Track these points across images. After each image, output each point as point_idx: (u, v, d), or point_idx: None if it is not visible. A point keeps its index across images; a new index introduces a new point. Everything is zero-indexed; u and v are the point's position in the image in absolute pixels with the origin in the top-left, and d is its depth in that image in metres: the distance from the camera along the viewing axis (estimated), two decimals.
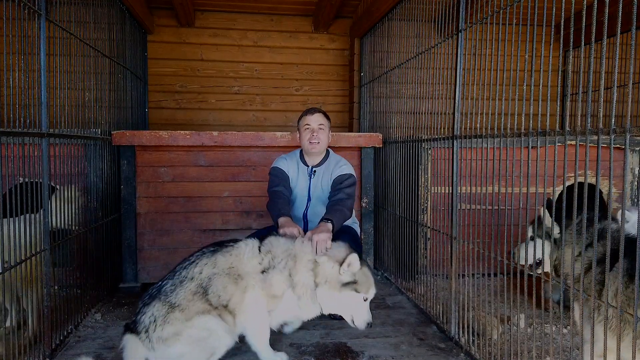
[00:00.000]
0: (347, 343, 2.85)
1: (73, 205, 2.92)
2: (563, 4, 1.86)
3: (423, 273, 3.83)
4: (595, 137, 1.68)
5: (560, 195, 3.89)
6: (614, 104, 1.61)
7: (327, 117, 3.19)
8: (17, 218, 2.28)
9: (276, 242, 2.55)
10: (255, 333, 2.51)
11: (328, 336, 2.94)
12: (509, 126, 2.29)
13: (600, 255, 1.86)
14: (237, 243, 2.56)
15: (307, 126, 3.12)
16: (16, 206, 2.24)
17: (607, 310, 1.71)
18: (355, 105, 5.22)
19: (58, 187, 2.84)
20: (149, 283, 3.91)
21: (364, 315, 2.47)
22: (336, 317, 2.95)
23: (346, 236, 2.96)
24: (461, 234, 2.88)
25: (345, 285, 2.43)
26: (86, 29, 3.17)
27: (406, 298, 3.71)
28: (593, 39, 1.74)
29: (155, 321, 2.30)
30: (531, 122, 2.08)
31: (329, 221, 2.75)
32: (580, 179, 3.47)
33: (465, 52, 2.78)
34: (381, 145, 4.20)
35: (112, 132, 3.72)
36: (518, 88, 2.27)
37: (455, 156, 2.87)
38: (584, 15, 1.79)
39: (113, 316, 3.29)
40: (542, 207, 2.29)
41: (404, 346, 2.84)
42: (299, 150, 3.32)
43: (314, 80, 5.62)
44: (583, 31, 1.87)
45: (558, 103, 5.66)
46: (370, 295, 2.50)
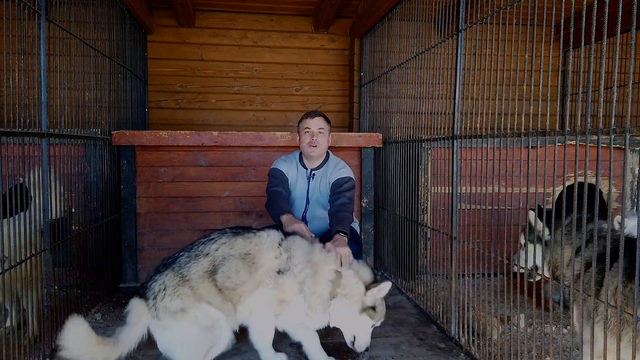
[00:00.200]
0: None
1: (57, 197, 2.86)
2: (563, 4, 1.86)
3: (423, 273, 3.83)
4: (595, 137, 1.68)
5: (560, 195, 3.89)
6: (614, 104, 1.61)
7: (328, 121, 3.19)
8: (8, 218, 2.28)
9: (298, 243, 2.51)
10: (259, 333, 2.50)
11: (328, 336, 2.94)
12: (509, 126, 2.29)
13: (595, 255, 1.86)
14: (259, 231, 2.54)
15: (307, 129, 3.11)
16: (8, 206, 2.24)
17: (607, 310, 1.71)
18: (355, 105, 5.22)
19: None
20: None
21: (367, 339, 2.51)
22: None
23: None
24: (461, 234, 2.88)
25: (364, 309, 2.46)
26: (86, 29, 3.17)
27: (406, 298, 3.71)
28: (593, 39, 1.74)
29: (165, 290, 2.29)
30: (531, 122, 2.08)
31: (345, 235, 2.74)
32: (580, 179, 3.47)
33: (465, 52, 2.78)
34: (381, 145, 4.20)
35: (112, 132, 3.72)
36: (518, 88, 2.27)
37: (455, 156, 2.87)
38: (584, 15, 1.79)
39: (113, 316, 3.29)
40: (530, 211, 2.29)
41: (404, 346, 2.84)
42: (298, 152, 3.32)
43: (314, 80, 5.62)
44: (583, 31, 1.87)
45: (558, 103, 5.66)
46: (378, 324, 2.54)
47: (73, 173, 3.01)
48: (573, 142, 2.30)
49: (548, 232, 2.18)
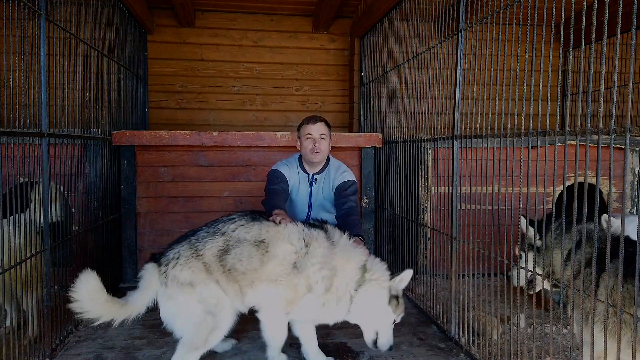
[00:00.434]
0: (347, 343, 2.85)
1: (56, 200, 2.85)
2: (563, 4, 1.86)
3: (423, 273, 3.83)
4: (595, 137, 1.68)
5: (560, 195, 3.89)
6: (614, 104, 1.61)
7: (328, 125, 3.19)
8: (7, 219, 2.28)
9: (320, 241, 2.43)
10: (272, 333, 2.48)
11: (328, 336, 2.94)
12: (509, 126, 2.29)
13: (588, 255, 1.87)
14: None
15: (309, 135, 3.10)
16: (7, 207, 2.24)
17: (607, 310, 1.71)
18: (355, 105, 5.22)
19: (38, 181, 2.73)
20: None
21: (389, 336, 2.45)
22: None
23: None
24: (461, 234, 2.88)
25: (391, 298, 2.41)
26: (86, 29, 3.17)
27: (406, 298, 3.71)
28: (593, 39, 1.74)
29: (178, 259, 2.31)
30: (531, 122, 2.08)
31: (362, 238, 2.73)
32: (580, 179, 3.47)
33: (465, 52, 2.78)
34: (381, 145, 4.20)
35: (112, 132, 3.72)
36: (518, 88, 2.27)
37: (455, 156, 2.87)
38: (584, 15, 1.79)
39: None
40: (522, 217, 2.30)
41: (404, 346, 2.84)
42: (297, 156, 3.30)
43: (314, 80, 5.62)
44: (583, 31, 1.87)
45: (558, 103, 5.66)
46: (398, 319, 2.48)
47: (73, 173, 3.01)
48: (573, 142, 2.30)
49: (539, 237, 2.19)
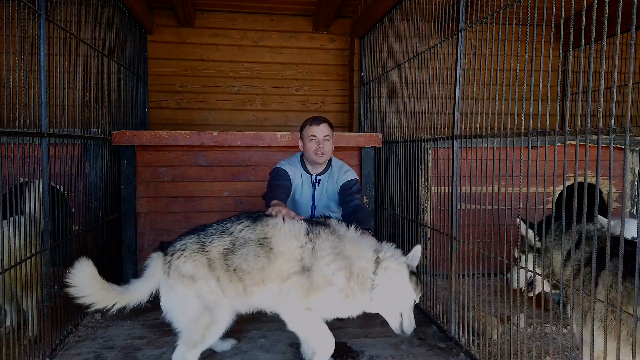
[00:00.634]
0: (347, 343, 2.85)
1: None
2: (563, 4, 1.86)
3: (423, 273, 3.83)
4: (595, 137, 1.68)
5: (560, 195, 3.90)
6: (614, 104, 1.61)
7: (331, 126, 3.20)
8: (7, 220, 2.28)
9: (324, 235, 2.41)
10: (304, 330, 2.41)
11: None
12: (509, 126, 2.29)
13: (588, 255, 1.87)
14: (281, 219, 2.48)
15: (313, 137, 3.11)
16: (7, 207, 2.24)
17: (607, 309, 1.71)
18: (355, 105, 5.22)
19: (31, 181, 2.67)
20: None
21: (412, 318, 2.43)
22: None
23: None
24: (461, 234, 2.88)
25: (410, 275, 2.40)
26: (86, 29, 3.17)
27: None
28: (593, 39, 1.74)
29: (183, 250, 2.33)
30: (531, 122, 2.08)
31: (371, 233, 2.76)
32: (580, 179, 3.47)
33: (465, 52, 2.78)
34: (381, 145, 4.20)
35: (112, 132, 3.72)
36: (518, 88, 2.27)
37: (455, 156, 2.87)
38: (584, 15, 1.79)
39: (113, 316, 3.28)
40: (518, 219, 2.31)
41: (404, 346, 2.84)
42: (299, 155, 3.30)
43: (314, 80, 5.62)
44: (583, 31, 1.87)
45: (558, 103, 5.66)
46: (418, 299, 2.46)
47: (73, 173, 3.01)
48: (573, 142, 2.30)
49: (538, 239, 2.20)
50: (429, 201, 3.94)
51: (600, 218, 2.07)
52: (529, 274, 2.26)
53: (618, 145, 3.61)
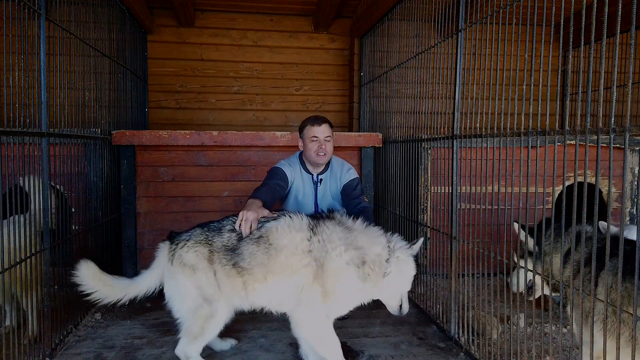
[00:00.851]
0: (347, 343, 2.85)
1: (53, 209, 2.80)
2: (563, 4, 1.86)
3: (423, 273, 3.83)
4: (595, 137, 1.68)
5: (560, 195, 3.90)
6: (614, 104, 1.61)
7: (332, 126, 3.20)
8: (7, 220, 2.28)
9: (331, 228, 2.42)
10: (323, 345, 2.37)
11: None
12: (509, 126, 2.29)
13: (587, 255, 1.88)
14: (282, 217, 2.49)
15: (315, 138, 3.09)
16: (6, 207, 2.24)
17: (607, 309, 1.71)
18: (355, 105, 5.22)
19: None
20: None
21: (407, 300, 2.57)
22: (344, 318, 2.94)
23: None
24: (461, 234, 2.88)
25: (415, 258, 2.50)
26: (86, 29, 3.17)
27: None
28: (593, 39, 1.74)
29: (188, 240, 2.41)
30: (531, 122, 2.08)
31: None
32: (580, 179, 3.47)
33: (465, 52, 2.78)
34: (381, 144, 4.20)
35: (112, 132, 3.72)
36: (518, 88, 2.27)
37: (455, 156, 2.87)
38: (584, 15, 1.79)
39: (113, 315, 3.29)
40: (515, 223, 2.32)
41: (404, 345, 2.85)
42: (298, 155, 3.29)
43: (314, 80, 5.62)
44: (583, 31, 1.87)
45: (558, 103, 5.66)
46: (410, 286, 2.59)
47: (73, 173, 3.01)
48: (573, 142, 2.30)
49: (533, 243, 2.21)
50: (429, 201, 3.94)
51: (602, 223, 2.08)
52: (529, 279, 2.27)
53: (618, 145, 3.61)
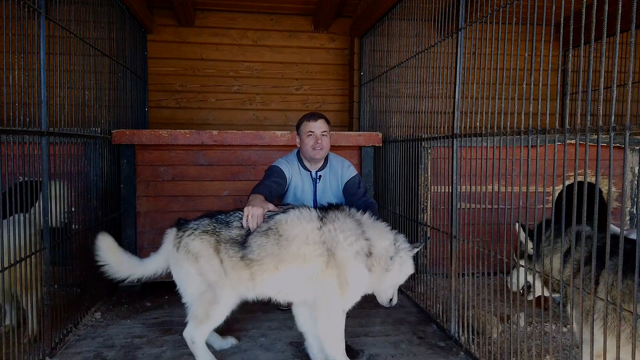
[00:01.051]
0: (347, 342, 2.84)
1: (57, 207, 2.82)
2: (563, 3, 1.86)
3: (423, 272, 3.83)
4: (595, 136, 1.68)
5: (559, 194, 3.90)
6: (614, 103, 1.61)
7: (328, 122, 3.19)
8: (7, 218, 2.28)
9: (342, 218, 2.49)
10: (330, 335, 2.43)
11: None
12: (509, 125, 2.29)
13: (587, 254, 1.89)
14: (291, 210, 2.56)
15: (311, 133, 3.10)
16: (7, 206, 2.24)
17: (607, 307, 1.71)
18: (355, 104, 5.22)
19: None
20: (149, 282, 3.90)
21: (397, 294, 2.71)
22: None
23: None
24: (461, 233, 2.88)
25: (413, 259, 2.62)
26: (86, 28, 3.17)
27: (406, 297, 3.71)
28: (593, 38, 1.74)
29: (195, 229, 2.47)
30: (531, 121, 2.08)
31: None
32: (580, 178, 3.47)
33: (465, 51, 2.78)
34: (381, 144, 4.20)
35: (112, 131, 3.72)
36: (518, 87, 2.27)
37: (455, 155, 2.87)
38: (584, 14, 1.79)
39: (113, 315, 3.30)
40: (516, 224, 2.33)
41: (404, 345, 2.85)
42: (296, 152, 3.29)
43: (314, 79, 5.61)
44: (583, 30, 1.87)
45: (558, 102, 5.66)
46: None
47: (73, 172, 3.01)
48: (573, 141, 2.30)
49: (532, 245, 2.21)
50: (429, 200, 3.94)
51: (613, 228, 2.09)
52: (525, 280, 2.29)
53: (618, 144, 3.61)
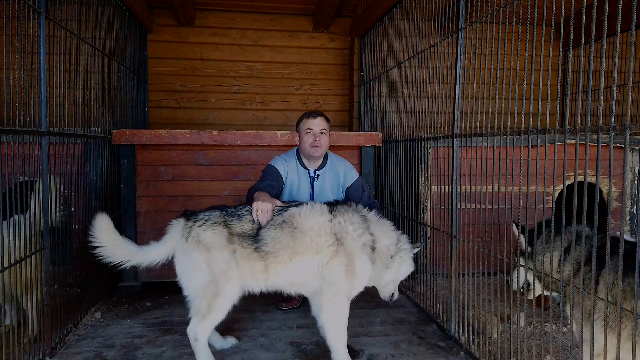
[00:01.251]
0: (348, 342, 2.85)
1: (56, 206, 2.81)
2: (563, 3, 1.86)
3: (423, 272, 3.83)
4: (595, 136, 1.68)
5: (560, 194, 3.90)
6: (614, 103, 1.61)
7: (328, 120, 3.18)
8: (7, 220, 2.28)
9: (350, 213, 2.61)
10: (336, 318, 2.52)
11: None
12: (509, 125, 2.29)
13: (586, 254, 1.89)
14: (301, 205, 2.64)
15: (309, 130, 3.09)
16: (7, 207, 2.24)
17: (607, 307, 1.71)
18: (355, 104, 5.22)
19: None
20: (149, 282, 3.91)
21: (398, 290, 2.87)
22: None
23: None
24: (461, 233, 2.88)
25: (413, 259, 2.77)
26: (86, 28, 3.17)
27: (406, 297, 3.71)
28: (593, 38, 1.74)
29: (207, 220, 2.49)
30: (531, 121, 2.08)
31: None
32: (580, 178, 3.47)
33: (465, 51, 2.78)
34: (381, 144, 4.20)
35: (112, 131, 3.72)
36: (518, 87, 2.27)
37: (455, 155, 2.87)
38: (584, 14, 1.79)
39: (113, 315, 3.30)
40: (513, 224, 2.35)
41: (404, 345, 2.85)
42: (295, 150, 3.28)
43: (314, 79, 5.62)
44: (583, 30, 1.87)
45: (558, 102, 5.66)
46: None
47: (73, 172, 3.01)
48: (573, 141, 2.30)
49: (525, 243, 2.22)
50: (429, 200, 3.94)
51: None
52: (525, 279, 2.30)
53: (618, 144, 3.61)
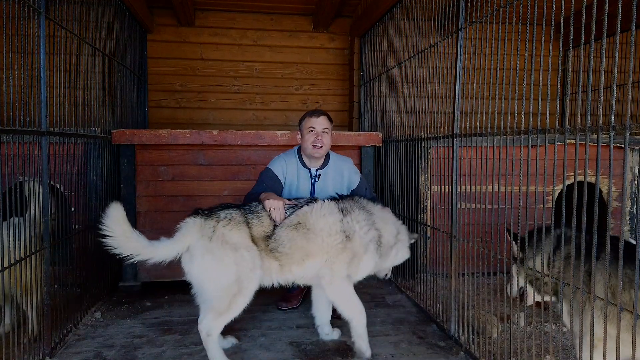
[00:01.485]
0: (347, 342, 2.85)
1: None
2: (563, 3, 1.86)
3: (423, 272, 3.83)
4: (595, 136, 1.68)
5: (559, 194, 3.90)
6: (614, 103, 1.61)
7: (331, 120, 3.15)
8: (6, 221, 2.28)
9: (357, 209, 2.73)
10: (346, 302, 2.65)
11: (328, 335, 2.94)
12: (509, 125, 2.29)
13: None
14: (311, 202, 2.74)
15: (312, 129, 3.06)
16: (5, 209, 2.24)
17: (607, 305, 1.71)
18: (355, 104, 5.22)
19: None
20: (149, 282, 3.91)
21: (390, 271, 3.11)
22: (340, 317, 2.96)
23: None
24: (461, 233, 2.88)
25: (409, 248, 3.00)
26: (86, 28, 3.17)
27: (406, 297, 3.71)
28: (593, 38, 1.74)
29: (230, 219, 2.51)
30: (531, 121, 2.08)
31: None
32: (580, 178, 3.47)
33: (464, 51, 2.78)
34: (381, 144, 4.20)
35: (112, 131, 3.72)
36: (518, 87, 2.27)
37: (455, 155, 2.87)
38: (584, 14, 1.79)
39: (113, 315, 3.30)
40: (507, 231, 2.37)
41: (404, 344, 2.85)
42: (296, 149, 3.26)
43: (314, 79, 5.62)
44: (583, 30, 1.87)
45: (558, 102, 5.66)
46: None
47: (73, 172, 3.01)
48: (573, 141, 2.30)
49: (517, 249, 2.24)
50: (429, 200, 3.94)
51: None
52: (520, 286, 2.37)
53: (618, 144, 3.61)
